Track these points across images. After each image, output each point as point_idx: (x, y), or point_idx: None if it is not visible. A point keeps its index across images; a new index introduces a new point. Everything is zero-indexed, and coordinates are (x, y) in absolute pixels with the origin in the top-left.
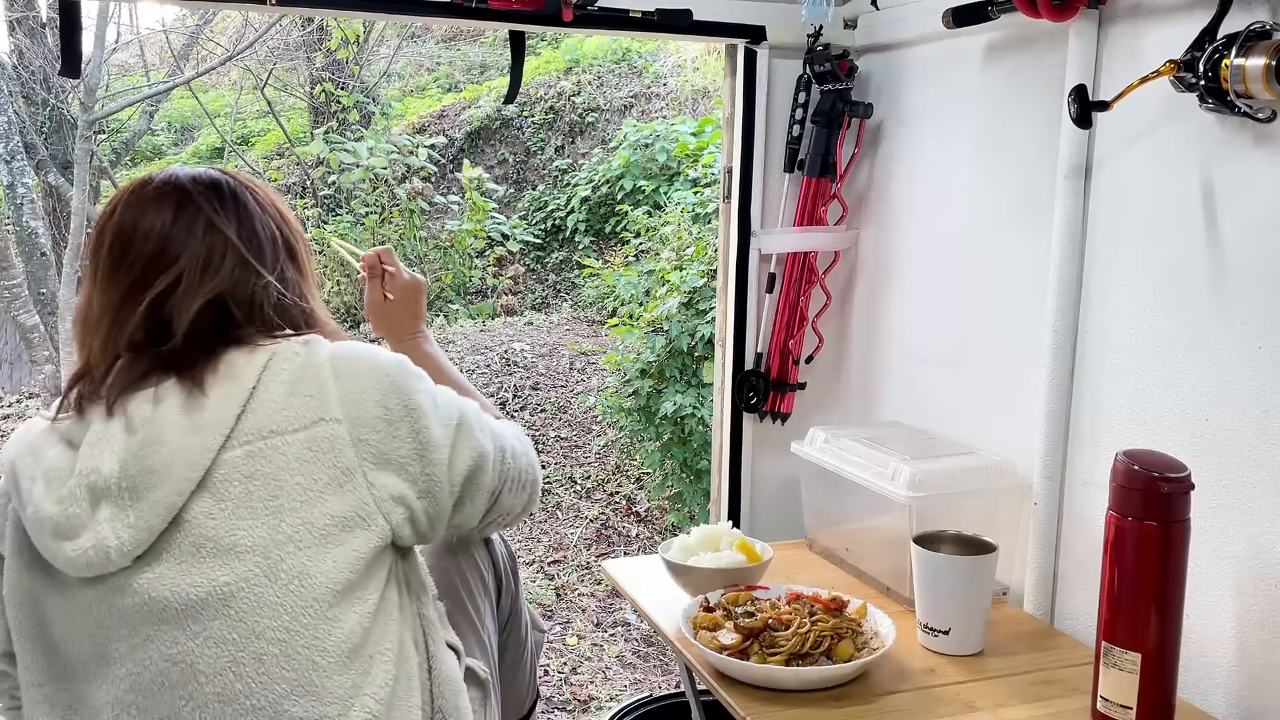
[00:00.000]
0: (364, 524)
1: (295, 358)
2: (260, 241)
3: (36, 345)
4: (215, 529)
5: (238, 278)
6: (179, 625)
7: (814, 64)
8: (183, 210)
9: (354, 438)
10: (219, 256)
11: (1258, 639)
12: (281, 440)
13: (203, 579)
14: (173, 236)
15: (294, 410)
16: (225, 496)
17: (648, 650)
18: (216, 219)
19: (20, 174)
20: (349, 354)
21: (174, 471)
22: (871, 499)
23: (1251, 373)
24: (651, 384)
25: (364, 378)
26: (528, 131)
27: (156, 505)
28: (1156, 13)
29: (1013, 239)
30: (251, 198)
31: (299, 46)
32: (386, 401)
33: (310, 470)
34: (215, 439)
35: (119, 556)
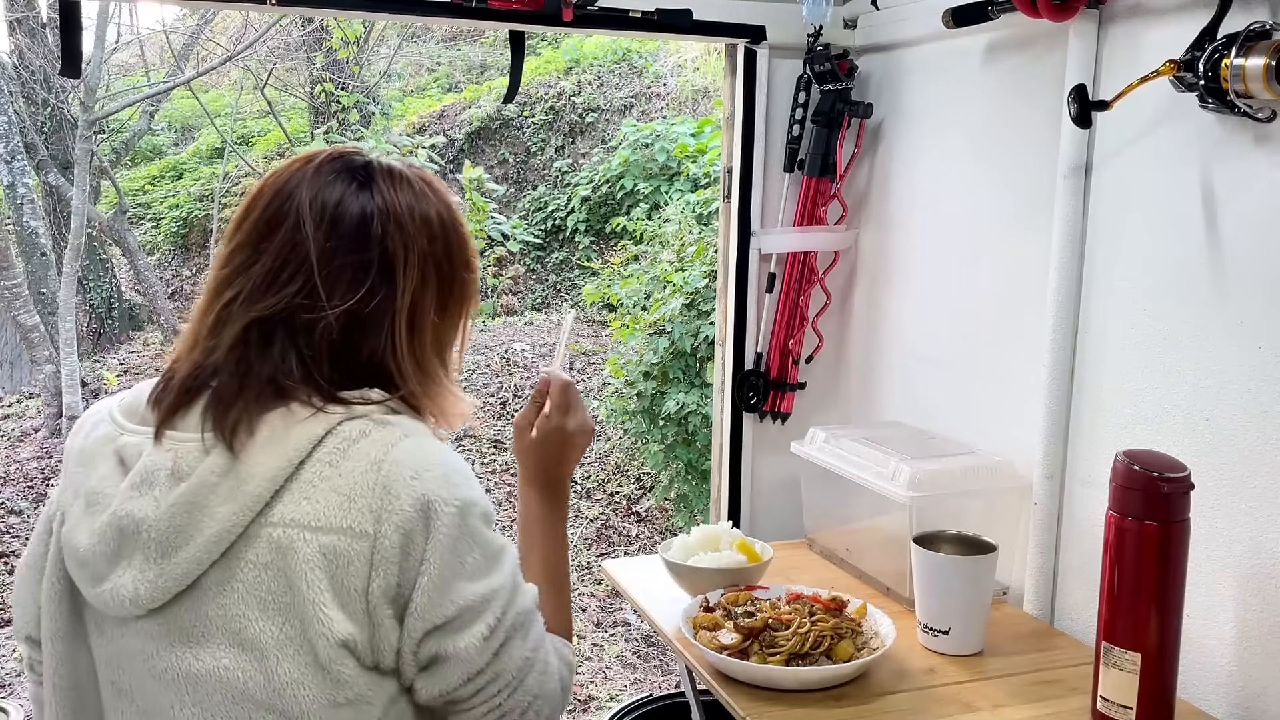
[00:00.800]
0: (363, 651)
1: (356, 443)
2: (347, 265)
3: (36, 345)
4: (223, 608)
5: (298, 305)
6: (175, 689)
7: (814, 64)
8: (283, 196)
9: (372, 560)
10: (291, 268)
11: (1258, 639)
12: (302, 536)
13: (207, 656)
14: (265, 230)
15: (326, 506)
16: (239, 578)
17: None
18: (304, 217)
19: (20, 174)
20: (412, 464)
21: (201, 539)
22: (871, 499)
23: (1251, 373)
24: (655, 385)
25: (408, 497)
26: (528, 131)
27: (178, 568)
28: (1156, 13)
29: (1013, 239)
30: (390, 201)
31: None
32: (414, 535)
33: (321, 579)
34: (245, 515)
35: (133, 607)
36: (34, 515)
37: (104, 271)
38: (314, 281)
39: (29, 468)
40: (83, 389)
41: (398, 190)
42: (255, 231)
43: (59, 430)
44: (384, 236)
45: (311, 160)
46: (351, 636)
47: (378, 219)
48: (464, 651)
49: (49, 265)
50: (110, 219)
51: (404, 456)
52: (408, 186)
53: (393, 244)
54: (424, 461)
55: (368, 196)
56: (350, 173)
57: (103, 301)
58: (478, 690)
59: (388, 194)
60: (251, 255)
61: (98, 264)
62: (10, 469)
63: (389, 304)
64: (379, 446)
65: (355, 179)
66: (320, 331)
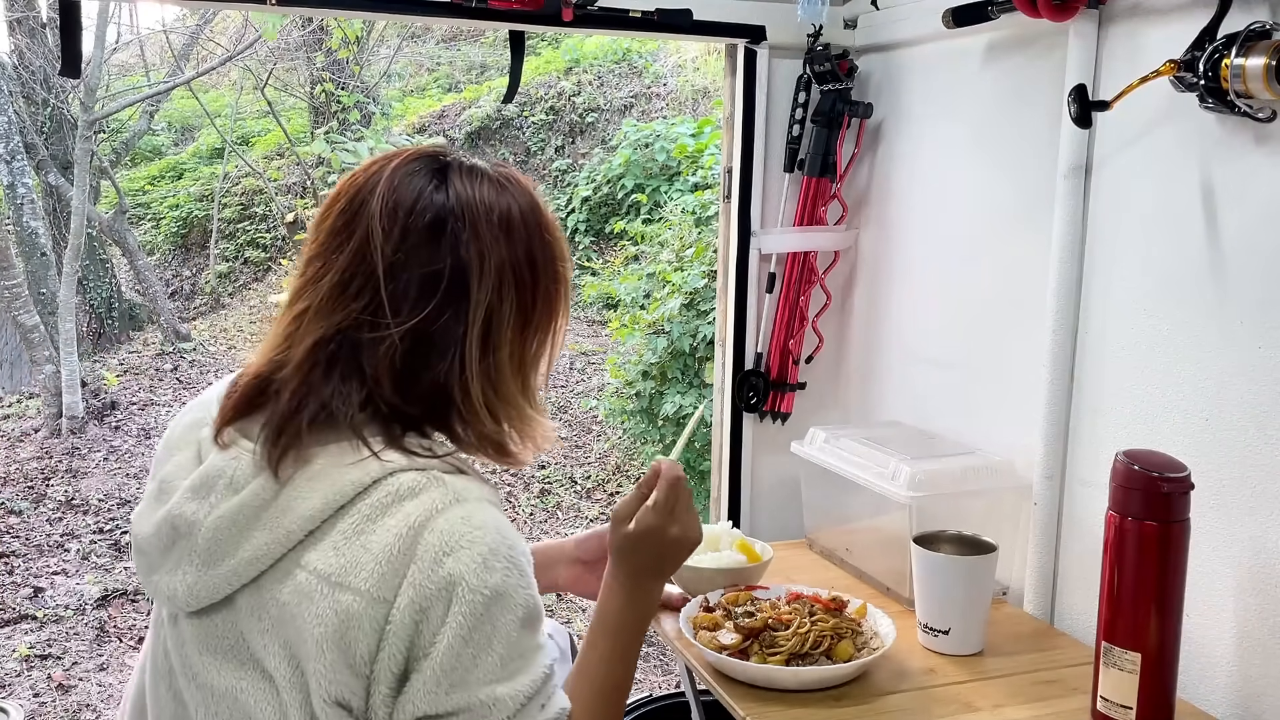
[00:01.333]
0: (359, 713)
1: (402, 500)
2: (414, 278)
3: (36, 345)
4: (253, 634)
5: (361, 322)
6: (201, 694)
7: (814, 64)
8: (357, 201)
9: (384, 630)
10: (358, 282)
11: (1258, 639)
12: (321, 589)
13: (229, 674)
14: (338, 237)
15: (352, 562)
16: (268, 611)
17: (648, 650)
18: (374, 226)
19: (20, 174)
20: (451, 538)
21: (235, 561)
22: (871, 499)
23: (1251, 372)
24: (654, 385)
25: (434, 572)
26: (528, 131)
27: (213, 580)
28: (1156, 12)
29: (1013, 239)
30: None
31: (299, 46)
32: (430, 613)
33: (330, 637)
34: (278, 549)
35: (173, 605)
36: (34, 515)
37: (104, 271)
38: (380, 297)
39: (29, 468)
40: (83, 389)
41: (475, 188)
42: (329, 239)
43: (59, 430)
44: (456, 244)
45: (390, 161)
46: (349, 698)
47: (451, 223)
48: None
49: (49, 265)
50: (110, 219)
51: (446, 526)
52: (488, 186)
53: (466, 252)
54: (465, 537)
55: (441, 198)
56: (427, 174)
57: (103, 301)
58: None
59: (463, 193)
60: (324, 265)
61: (98, 264)
62: (10, 469)
63: (460, 320)
64: (423, 509)
65: (431, 179)
66: (384, 351)
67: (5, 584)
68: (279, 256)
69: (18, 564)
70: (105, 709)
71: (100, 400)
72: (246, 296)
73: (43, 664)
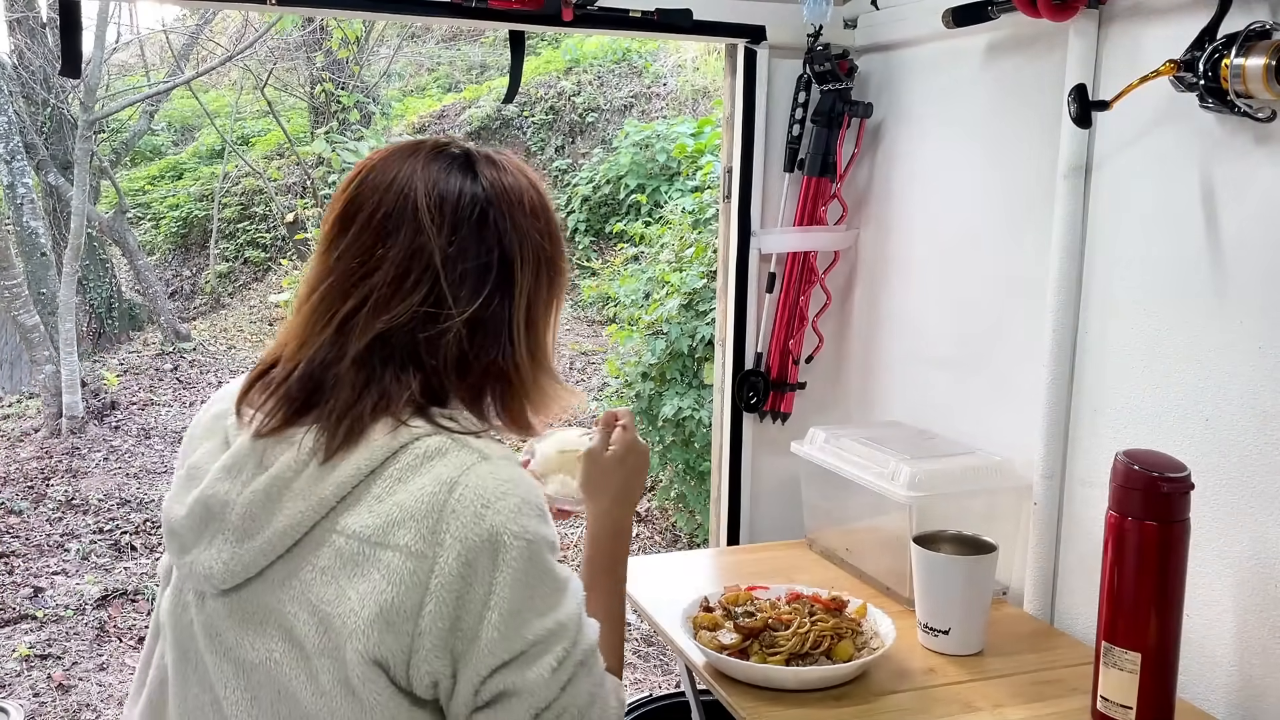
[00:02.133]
0: (397, 672)
1: (431, 460)
2: (470, 269)
3: (36, 345)
4: (281, 602)
5: (423, 315)
6: (237, 671)
7: (814, 64)
8: (396, 193)
9: (427, 584)
10: (415, 275)
11: (1258, 639)
12: (359, 547)
13: (262, 645)
14: (381, 232)
15: (389, 520)
16: (300, 576)
17: (648, 650)
18: (424, 218)
19: (20, 174)
20: (486, 492)
21: (270, 532)
22: (871, 499)
23: (1251, 373)
24: (653, 386)
25: (475, 525)
26: (528, 131)
27: (248, 554)
28: (1156, 12)
29: (1013, 239)
30: (500, 193)
31: (299, 46)
32: (478, 566)
33: (368, 594)
34: (312, 515)
35: (209, 584)
36: (34, 515)
37: (104, 271)
38: (440, 288)
39: (29, 468)
40: (83, 389)
41: (501, 177)
42: (368, 235)
43: (59, 430)
44: (500, 233)
45: (416, 152)
46: (387, 656)
47: (494, 215)
48: (533, 684)
49: (49, 265)
50: (110, 219)
51: (478, 482)
52: (512, 176)
53: (509, 240)
54: (498, 490)
55: (480, 190)
56: (459, 166)
57: (103, 301)
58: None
59: (496, 183)
60: (367, 261)
61: (98, 264)
62: (10, 469)
63: (508, 303)
64: (454, 467)
65: (466, 172)
66: (449, 341)
67: (5, 584)
68: (279, 256)
69: (18, 564)
70: (105, 709)
71: (100, 400)
72: (246, 296)
73: (43, 664)
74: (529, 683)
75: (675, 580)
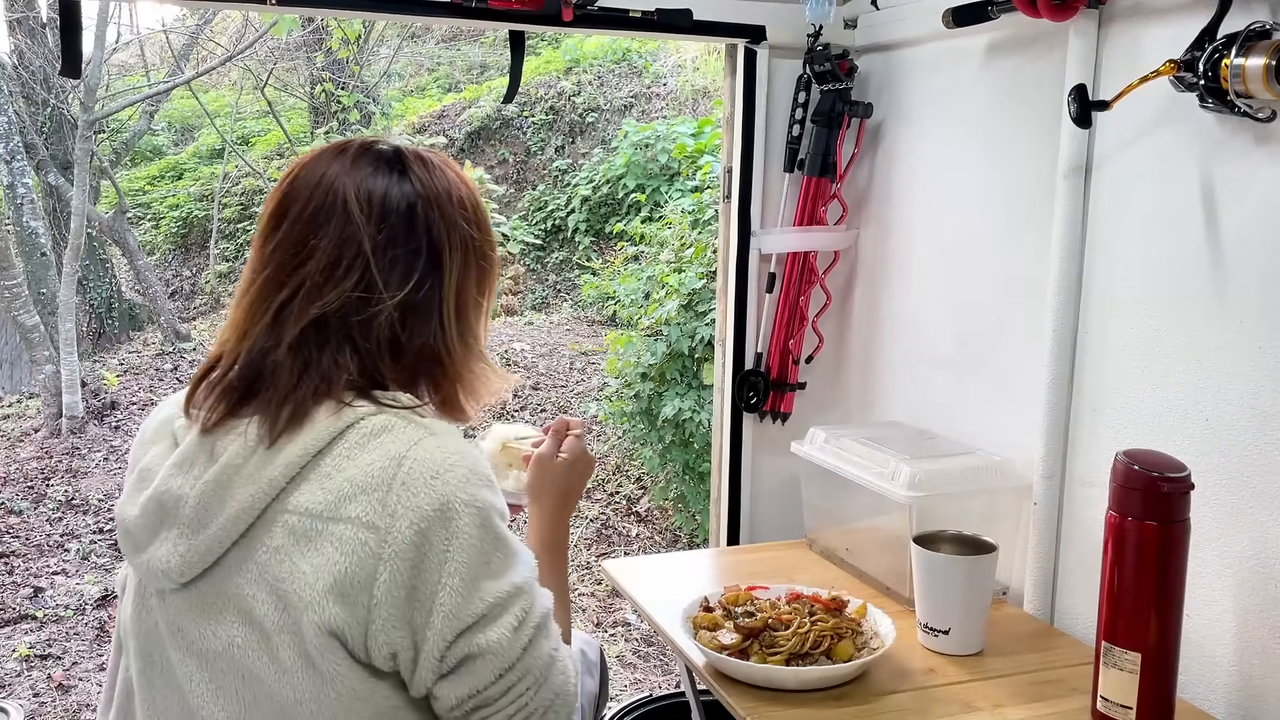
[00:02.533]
0: (355, 644)
1: (377, 436)
2: (400, 255)
3: (36, 345)
4: (239, 587)
5: (355, 300)
6: (200, 664)
7: (814, 64)
8: (325, 189)
9: (380, 554)
10: (345, 263)
11: (1258, 639)
12: (311, 523)
13: (223, 632)
14: (313, 225)
15: (339, 495)
16: (254, 559)
17: (648, 650)
18: (353, 210)
19: (20, 174)
20: (434, 463)
21: (223, 518)
22: (871, 499)
23: (1251, 373)
24: (652, 387)
25: (426, 496)
26: (528, 131)
27: (204, 544)
28: (1156, 12)
29: (1013, 239)
30: (429, 187)
31: (299, 46)
32: (432, 535)
33: (323, 567)
34: (262, 498)
35: (166, 579)
36: (34, 515)
37: (104, 271)
38: (371, 274)
39: (29, 468)
40: (83, 389)
41: (432, 175)
42: (302, 226)
43: (59, 430)
44: (429, 223)
45: (344, 151)
46: (343, 627)
47: (421, 206)
48: (496, 644)
49: (49, 265)
50: (110, 219)
51: (426, 455)
52: (439, 171)
53: (437, 230)
54: (446, 461)
55: (408, 184)
56: (387, 163)
57: (103, 301)
58: (509, 688)
59: (425, 181)
60: (299, 252)
61: (98, 264)
62: (10, 469)
63: (438, 290)
64: (401, 442)
65: (393, 168)
66: (380, 322)
67: (5, 584)
68: None
69: (18, 564)
70: None
71: (100, 400)
72: None
73: (43, 664)
74: (492, 643)
75: (675, 580)
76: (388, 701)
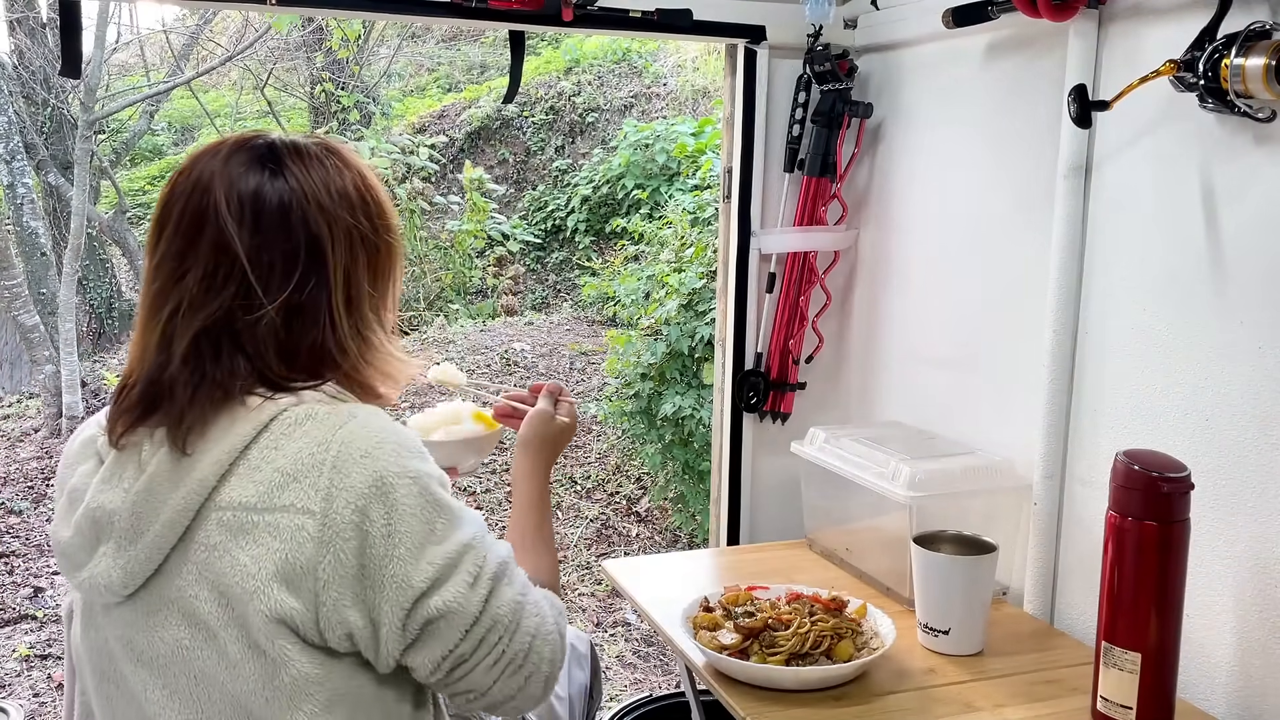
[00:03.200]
0: (306, 629)
1: (302, 425)
2: (276, 257)
3: (36, 345)
4: (179, 589)
5: (235, 307)
6: (151, 671)
7: (814, 64)
8: (197, 197)
9: (320, 538)
10: (223, 271)
11: (1258, 639)
12: (246, 516)
13: (169, 636)
14: (189, 235)
15: (270, 486)
16: (191, 559)
17: (648, 650)
18: (225, 217)
19: (20, 174)
20: (362, 442)
21: (158, 525)
22: (871, 499)
23: (1251, 373)
24: (652, 386)
25: (359, 474)
26: (528, 131)
27: (141, 553)
28: (1156, 13)
29: (1013, 239)
30: (303, 181)
31: (299, 46)
32: (370, 511)
33: (262, 557)
34: (194, 499)
35: (109, 593)
36: (34, 515)
37: (104, 271)
38: (249, 281)
39: (29, 468)
40: (83, 389)
41: (309, 169)
42: (179, 239)
43: (59, 430)
44: (306, 220)
45: (217, 153)
46: (291, 613)
47: (297, 204)
48: (453, 604)
49: (49, 265)
50: (110, 219)
51: (353, 436)
52: (317, 163)
53: (316, 226)
54: (374, 439)
55: (282, 182)
56: (259, 161)
57: (103, 301)
58: (479, 641)
59: (301, 175)
60: (180, 264)
61: (98, 264)
62: (10, 469)
63: (324, 286)
64: (326, 427)
65: (265, 166)
66: (263, 328)
67: (5, 584)
68: None
69: (18, 564)
70: None
71: (100, 400)
72: None
73: (43, 664)
74: (449, 603)
75: (675, 580)
76: (347, 683)
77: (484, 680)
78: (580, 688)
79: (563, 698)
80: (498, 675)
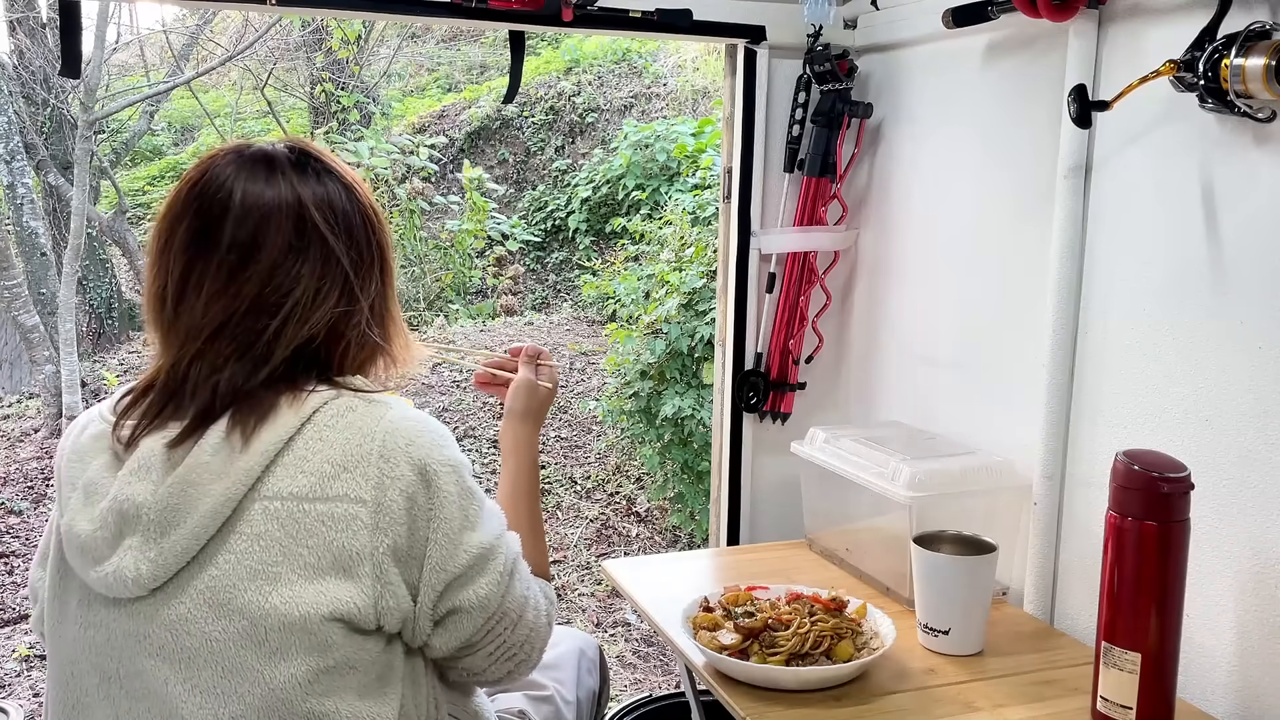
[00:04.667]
0: (361, 613)
1: (344, 416)
2: (363, 263)
3: (36, 345)
4: (213, 579)
5: (340, 314)
6: (174, 666)
7: (814, 64)
8: (297, 212)
9: (375, 524)
10: (329, 284)
11: (1258, 639)
12: (298, 506)
13: (197, 630)
14: (295, 249)
15: (321, 477)
16: (233, 550)
17: (648, 650)
18: (328, 232)
19: (20, 174)
20: (405, 433)
21: (197, 515)
22: (871, 499)
23: (1251, 373)
24: (651, 386)
25: (406, 463)
26: (528, 131)
27: (177, 545)
28: (1156, 13)
29: (1013, 239)
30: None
31: (299, 46)
32: (416, 496)
33: (318, 547)
34: (239, 489)
35: (135, 587)
36: (34, 515)
37: (104, 271)
38: (353, 291)
39: (29, 468)
40: (83, 389)
41: (337, 170)
42: (281, 256)
43: (59, 430)
44: (373, 230)
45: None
46: (347, 601)
47: (370, 215)
48: (484, 599)
49: (49, 265)
50: (110, 219)
51: (395, 427)
52: (331, 163)
53: (380, 234)
54: (414, 430)
55: (356, 199)
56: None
57: (103, 301)
58: (489, 630)
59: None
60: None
61: (98, 264)
62: (10, 469)
63: (385, 287)
64: (369, 419)
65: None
66: (353, 330)
67: (5, 584)
68: None
69: (18, 564)
70: None
71: (100, 400)
72: None
73: (43, 664)
74: (481, 598)
75: (675, 580)
76: (386, 662)
77: (481, 663)
78: (589, 693)
79: (571, 701)
80: (494, 661)
